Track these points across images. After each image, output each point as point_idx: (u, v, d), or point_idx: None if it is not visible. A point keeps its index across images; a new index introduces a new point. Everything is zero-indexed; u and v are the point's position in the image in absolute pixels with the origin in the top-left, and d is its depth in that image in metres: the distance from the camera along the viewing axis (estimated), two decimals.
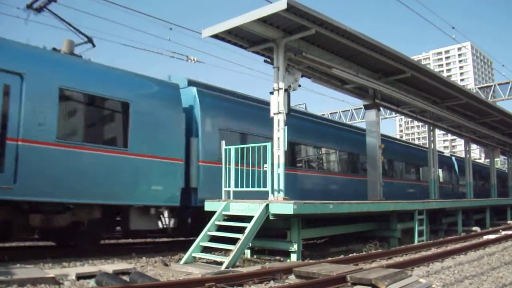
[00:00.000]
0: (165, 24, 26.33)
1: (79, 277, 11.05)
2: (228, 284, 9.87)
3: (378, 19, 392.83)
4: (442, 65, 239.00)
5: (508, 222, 32.78)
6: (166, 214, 17.52)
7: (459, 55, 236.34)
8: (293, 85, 16.51)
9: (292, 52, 16.71)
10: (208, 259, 14.22)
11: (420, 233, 20.57)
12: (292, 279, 11.05)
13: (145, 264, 14.09)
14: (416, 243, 19.62)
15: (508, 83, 40.32)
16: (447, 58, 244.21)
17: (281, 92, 15.96)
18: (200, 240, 14.47)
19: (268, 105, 16.55)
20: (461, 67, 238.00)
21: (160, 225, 17.62)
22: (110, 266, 12.43)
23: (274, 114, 16.05)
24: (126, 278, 10.89)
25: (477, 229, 26.85)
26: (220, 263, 13.13)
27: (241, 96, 21.05)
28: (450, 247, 18.61)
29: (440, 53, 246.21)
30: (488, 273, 12.52)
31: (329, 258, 14.44)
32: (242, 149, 15.97)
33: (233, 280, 10.26)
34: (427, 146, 29.54)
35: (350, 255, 15.59)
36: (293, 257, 14.56)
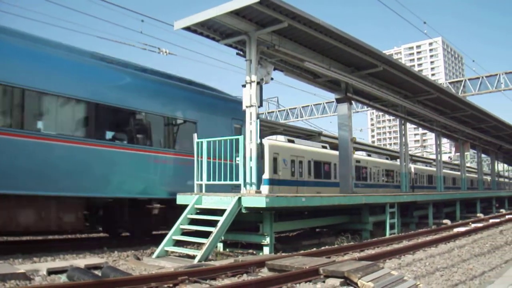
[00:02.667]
0: (137, 16, 26.14)
1: (50, 272, 10.89)
2: (201, 278, 9.82)
3: (350, 13, 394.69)
4: (413, 59, 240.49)
5: (478, 215, 33.24)
6: None
7: (431, 50, 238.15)
8: (266, 78, 16.51)
9: (265, 45, 16.68)
10: (181, 253, 14.17)
11: (392, 226, 20.75)
12: (265, 272, 11.03)
13: (117, 258, 13.95)
14: (387, 235, 19.78)
15: (478, 78, 40.70)
16: (418, 53, 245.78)
17: (254, 85, 15.95)
18: (173, 234, 14.40)
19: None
20: (432, 62, 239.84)
21: None
22: (81, 261, 12.27)
23: (247, 107, 16.03)
24: (98, 272, 10.79)
25: (447, 222, 27.20)
26: (193, 257, 13.09)
27: None
28: (421, 239, 18.80)
29: (411, 47, 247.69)
30: (458, 265, 12.68)
31: (302, 251, 14.47)
32: (215, 142, 15.93)
33: (205, 274, 10.21)
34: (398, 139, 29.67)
35: (323, 248, 15.65)
36: (266, 250, 14.58)
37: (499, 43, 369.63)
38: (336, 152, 28.99)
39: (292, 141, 28.72)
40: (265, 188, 24.15)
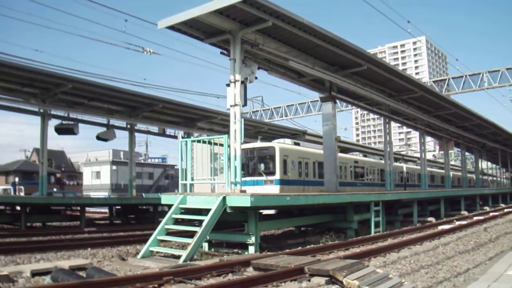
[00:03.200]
0: (120, 15, 25.93)
1: (34, 274, 10.83)
2: (186, 278, 9.80)
3: (334, 12, 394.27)
4: (397, 58, 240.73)
5: (462, 212, 33.42)
6: None
7: (414, 49, 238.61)
8: (250, 77, 16.49)
9: (249, 44, 16.66)
10: (166, 253, 14.11)
11: (377, 224, 20.79)
12: (250, 271, 11.03)
13: (102, 259, 13.90)
14: (372, 234, 19.82)
15: (461, 77, 40.93)
16: (402, 52, 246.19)
17: (238, 84, 15.93)
18: (157, 234, 14.34)
19: None
20: (416, 61, 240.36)
21: None
22: (66, 262, 12.21)
23: (231, 106, 16.00)
24: (82, 273, 10.72)
25: (432, 219, 27.31)
26: (178, 257, 13.04)
27: None
28: (406, 237, 18.87)
29: (395, 46, 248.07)
30: (443, 262, 12.74)
31: (287, 250, 14.46)
32: (199, 141, 15.91)
33: (191, 274, 10.20)
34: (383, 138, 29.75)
35: (308, 246, 15.67)
36: (251, 249, 14.54)
37: (483, 42, 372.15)
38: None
39: (298, 144, 29.46)
40: (276, 188, 24.69)
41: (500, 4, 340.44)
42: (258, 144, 26.36)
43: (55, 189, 46.12)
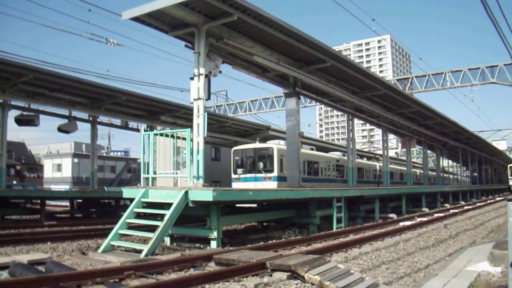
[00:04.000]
0: (83, 5, 25.45)
1: None
2: (147, 272, 9.71)
3: (299, 8, 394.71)
4: (362, 56, 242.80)
5: (423, 209, 33.87)
6: None
7: (379, 47, 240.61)
8: (214, 71, 16.44)
9: (214, 38, 16.57)
10: (127, 247, 13.97)
11: (339, 220, 20.93)
12: (212, 266, 10.98)
13: (62, 253, 13.67)
14: (335, 229, 19.94)
15: (424, 76, 41.61)
16: (367, 49, 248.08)
17: (202, 77, 15.83)
18: (119, 228, 14.19)
19: None
20: (380, 59, 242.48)
21: None
22: (24, 256, 12.00)
23: (194, 100, 15.89)
24: (41, 268, 10.51)
25: (393, 216, 27.61)
26: (139, 251, 12.94)
27: None
28: (368, 233, 19.04)
29: (360, 44, 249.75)
30: (404, 258, 12.89)
31: (249, 245, 14.45)
32: (162, 135, 15.78)
33: (152, 268, 10.11)
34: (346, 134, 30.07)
35: (270, 242, 15.69)
36: (213, 244, 14.50)
37: (446, 42, 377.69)
38: (322, 153, 33.07)
39: None
40: (274, 184, 26.34)
41: (464, 7, 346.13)
42: (258, 145, 28.20)
43: (14, 182, 45.27)
